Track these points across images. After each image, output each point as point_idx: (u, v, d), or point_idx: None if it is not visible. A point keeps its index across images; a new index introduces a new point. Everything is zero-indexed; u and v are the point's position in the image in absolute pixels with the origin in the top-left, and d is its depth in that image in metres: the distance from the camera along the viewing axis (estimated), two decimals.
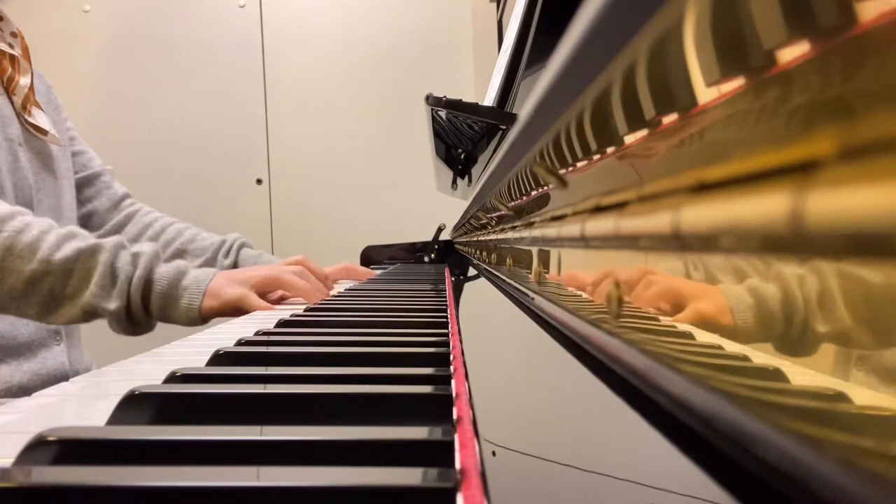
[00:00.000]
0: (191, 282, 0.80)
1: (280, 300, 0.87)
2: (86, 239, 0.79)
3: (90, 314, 0.78)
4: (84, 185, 1.15)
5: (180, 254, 1.12)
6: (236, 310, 0.80)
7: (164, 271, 0.80)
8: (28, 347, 0.96)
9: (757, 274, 0.14)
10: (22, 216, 0.78)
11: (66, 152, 1.09)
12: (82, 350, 1.10)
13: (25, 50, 1.02)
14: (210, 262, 1.11)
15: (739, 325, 0.15)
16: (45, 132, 1.00)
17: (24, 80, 0.99)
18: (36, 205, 0.97)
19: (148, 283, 0.78)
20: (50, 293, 0.77)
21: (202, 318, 0.80)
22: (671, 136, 0.18)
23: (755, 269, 0.14)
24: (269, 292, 0.84)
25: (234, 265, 1.11)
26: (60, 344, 1.02)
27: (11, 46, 0.99)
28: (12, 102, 0.97)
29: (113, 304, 0.77)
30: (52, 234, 0.77)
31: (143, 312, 0.79)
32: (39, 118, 1.01)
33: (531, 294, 0.45)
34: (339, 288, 0.99)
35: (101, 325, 0.82)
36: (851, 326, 0.11)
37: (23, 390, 0.90)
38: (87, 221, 1.15)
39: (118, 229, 1.14)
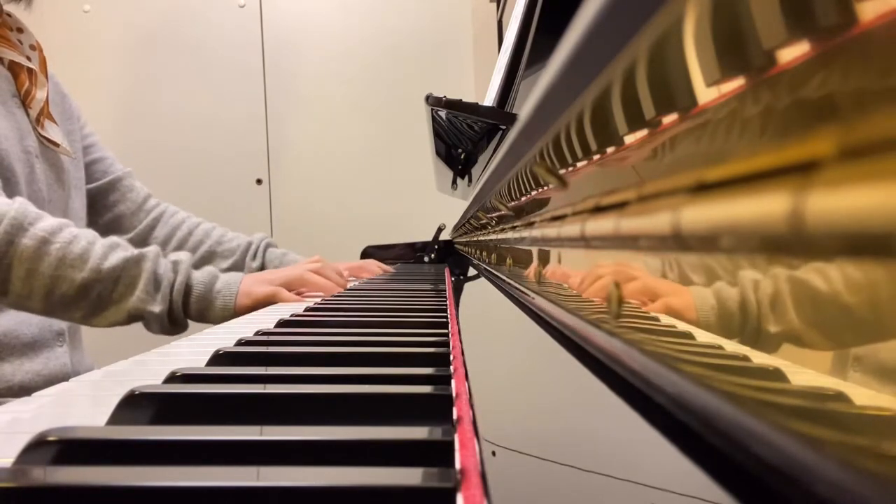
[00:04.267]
0: (223, 286, 0.89)
1: (304, 293, 0.96)
2: (128, 249, 0.86)
3: (134, 317, 0.85)
4: (108, 190, 1.19)
5: (210, 255, 1.20)
6: (268, 304, 0.89)
7: (199, 276, 0.89)
8: (31, 347, 0.96)
9: (756, 274, 0.14)
10: (69, 228, 0.84)
11: (79, 163, 1.11)
12: (84, 352, 1.10)
13: (43, 63, 1.05)
14: (239, 264, 1.20)
15: (738, 325, 0.15)
16: (56, 144, 1.03)
17: (40, 94, 1.01)
18: None
19: (188, 287, 0.87)
20: (98, 298, 0.83)
21: (236, 315, 0.88)
22: (671, 136, 0.18)
23: (755, 269, 0.14)
24: (293, 290, 0.93)
25: (262, 267, 1.19)
26: (63, 345, 1.02)
27: (29, 59, 1.01)
28: (28, 115, 1.00)
29: (158, 308, 0.84)
30: (97, 244, 0.84)
31: (182, 314, 0.87)
32: (52, 131, 1.03)
33: (531, 294, 0.45)
34: (351, 283, 1.03)
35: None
36: (850, 326, 0.11)
37: (24, 390, 0.91)
38: (115, 226, 1.19)
39: (148, 232, 1.20)
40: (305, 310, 0.69)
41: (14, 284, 0.81)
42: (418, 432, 0.24)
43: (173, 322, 0.87)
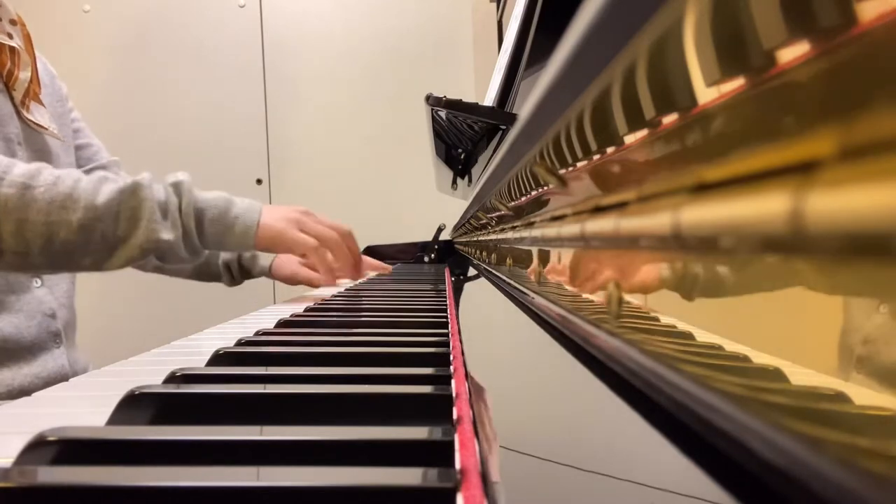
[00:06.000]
0: (241, 211, 0.83)
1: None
2: (117, 180, 0.78)
3: (148, 250, 0.78)
4: None
5: None
6: (284, 243, 0.85)
7: (209, 198, 0.82)
8: (29, 351, 0.96)
9: (756, 273, 0.14)
10: (47, 169, 0.76)
11: (69, 147, 1.07)
12: (79, 351, 1.10)
13: (27, 39, 0.98)
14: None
15: (739, 325, 0.15)
16: (44, 128, 0.98)
17: (23, 75, 0.95)
18: None
19: (198, 211, 0.81)
20: (102, 239, 0.76)
21: (256, 246, 0.84)
22: (671, 135, 0.18)
23: (755, 269, 0.14)
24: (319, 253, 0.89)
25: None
26: (60, 346, 1.02)
27: (11, 36, 0.94)
28: (12, 98, 0.94)
29: (171, 234, 0.78)
30: (84, 181, 0.76)
31: (197, 240, 0.81)
32: (38, 113, 0.98)
33: (531, 294, 0.45)
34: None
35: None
36: (851, 327, 0.11)
37: (23, 393, 0.90)
38: None
39: None
40: (305, 310, 0.69)
41: (6, 242, 0.73)
42: (418, 432, 0.24)
43: (191, 250, 0.81)
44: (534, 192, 0.41)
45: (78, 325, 1.09)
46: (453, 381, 0.32)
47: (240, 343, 0.46)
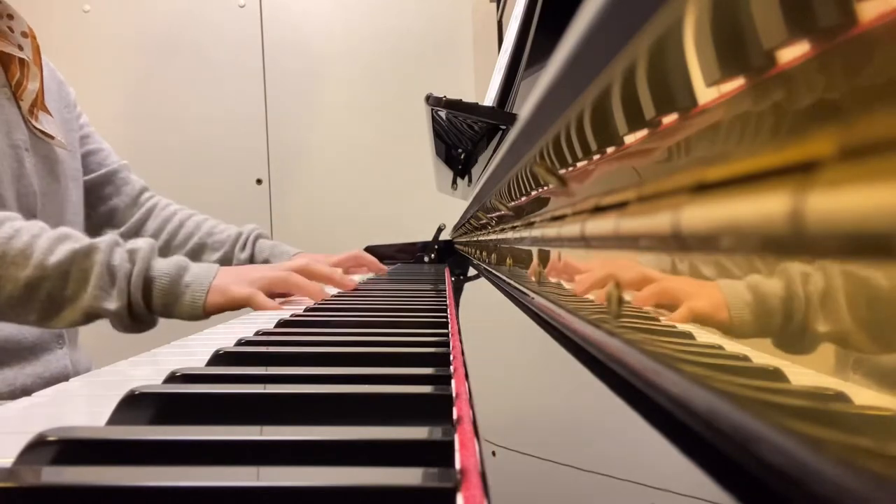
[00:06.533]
0: (193, 278, 0.79)
1: (285, 300, 0.87)
2: (79, 240, 0.77)
3: (91, 316, 0.77)
4: (103, 183, 1.15)
5: (200, 248, 1.15)
6: (242, 308, 0.80)
7: (163, 267, 0.79)
8: (31, 351, 0.96)
9: (756, 274, 0.14)
10: (11, 222, 0.77)
11: (75, 154, 1.08)
12: (82, 352, 1.10)
13: (37, 51, 1.00)
14: (228, 255, 1.14)
15: (738, 325, 0.15)
16: (51, 137, 0.99)
17: (32, 85, 0.98)
18: (40, 210, 0.97)
19: (148, 280, 0.78)
20: (48, 298, 0.75)
21: (206, 313, 0.79)
22: (671, 136, 0.18)
23: (755, 269, 0.14)
24: (276, 293, 0.84)
25: (251, 258, 1.14)
26: (63, 347, 1.02)
27: (21, 48, 0.97)
28: (19, 107, 0.96)
29: (114, 305, 0.76)
30: (42, 237, 0.76)
31: (144, 309, 0.78)
32: (46, 122, 1.00)
33: (531, 294, 0.45)
34: (356, 279, 0.99)
35: (100, 327, 0.82)
36: (851, 327, 0.11)
37: (26, 393, 0.90)
38: (109, 219, 1.16)
39: (140, 225, 1.17)
40: (305, 310, 0.69)
41: None
42: (418, 432, 0.24)
43: (135, 319, 0.78)
44: (534, 192, 0.41)
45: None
46: (453, 381, 0.32)
47: (240, 343, 0.46)
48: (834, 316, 0.12)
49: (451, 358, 0.39)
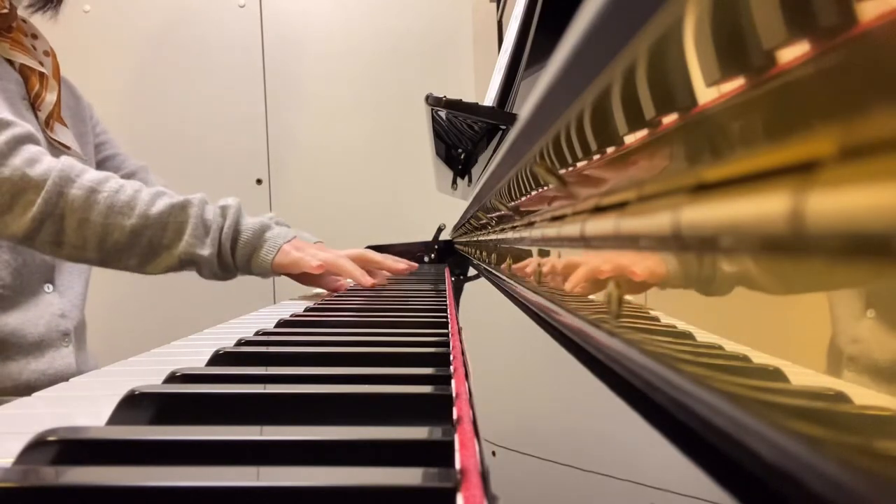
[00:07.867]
0: (271, 236, 0.91)
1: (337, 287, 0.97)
2: (174, 196, 0.89)
3: (185, 262, 0.88)
4: None
5: None
6: (302, 274, 0.91)
7: (250, 223, 0.91)
8: (37, 347, 0.97)
9: (756, 274, 0.14)
10: (115, 178, 0.88)
11: (90, 163, 1.13)
12: (88, 353, 1.10)
13: (56, 69, 1.08)
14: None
15: (738, 325, 0.15)
16: (67, 147, 1.04)
17: (49, 97, 1.04)
18: None
19: (236, 232, 0.90)
20: (149, 245, 0.86)
21: (274, 271, 0.90)
22: (671, 135, 0.18)
23: (755, 269, 0.14)
24: (329, 274, 0.94)
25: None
26: (69, 346, 1.02)
27: (42, 65, 1.05)
28: (37, 118, 1.02)
29: (207, 251, 0.87)
30: (144, 192, 0.87)
31: (231, 258, 0.89)
32: (62, 134, 1.05)
33: (531, 294, 0.45)
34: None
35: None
36: (851, 327, 0.11)
37: (30, 389, 0.91)
38: None
39: None
40: (305, 310, 0.69)
41: (68, 235, 0.84)
42: (418, 432, 0.24)
43: (223, 267, 0.89)
44: (534, 192, 0.41)
45: (88, 328, 1.10)
46: (453, 381, 0.32)
47: (240, 343, 0.46)
48: (834, 315, 0.12)
49: (451, 358, 0.39)
